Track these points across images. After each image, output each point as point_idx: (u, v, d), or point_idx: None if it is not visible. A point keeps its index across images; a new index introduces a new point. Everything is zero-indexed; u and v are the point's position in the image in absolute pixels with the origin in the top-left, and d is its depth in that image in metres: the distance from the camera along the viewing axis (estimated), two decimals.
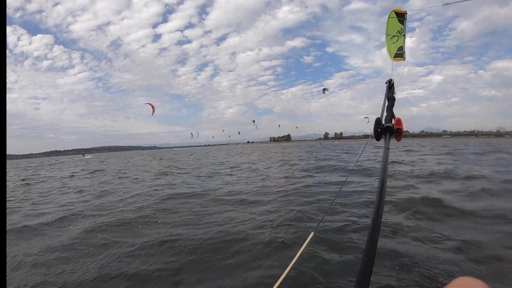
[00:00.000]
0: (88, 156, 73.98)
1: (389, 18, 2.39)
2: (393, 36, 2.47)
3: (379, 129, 1.17)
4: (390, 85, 1.59)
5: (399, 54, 2.56)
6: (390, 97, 1.45)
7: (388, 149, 1.06)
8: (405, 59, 2.60)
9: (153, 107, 31.45)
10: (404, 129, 1.20)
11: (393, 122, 1.22)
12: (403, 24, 2.41)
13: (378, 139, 1.18)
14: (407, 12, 2.34)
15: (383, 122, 1.22)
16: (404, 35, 2.49)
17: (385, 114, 1.31)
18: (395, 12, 2.37)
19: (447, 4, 2.95)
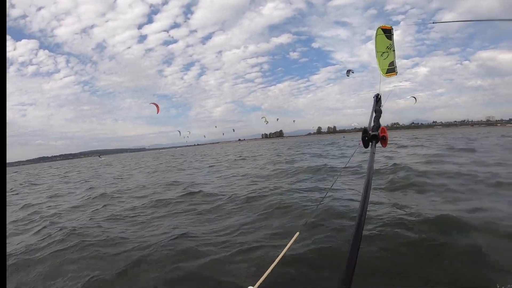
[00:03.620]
0: (103, 158, 78.20)
1: (376, 35, 2.29)
2: (383, 52, 2.38)
3: (366, 138, 1.29)
4: (378, 99, 1.74)
5: (391, 70, 2.49)
6: (377, 110, 1.59)
7: (374, 153, 1.18)
8: (397, 73, 2.52)
9: (157, 106, 34.82)
10: (394, 121, 1.34)
11: (378, 130, 1.33)
12: (391, 39, 2.32)
13: (366, 146, 1.29)
14: (392, 27, 2.23)
15: (370, 131, 1.33)
16: (394, 50, 2.39)
17: (372, 124, 1.46)
18: (382, 29, 2.29)
19: None
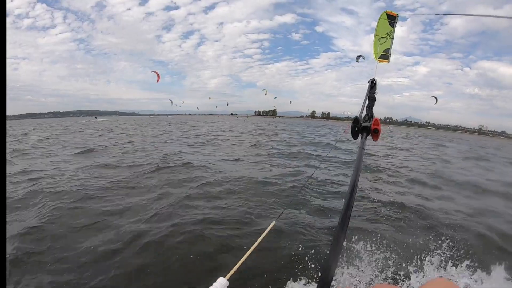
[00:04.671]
0: (101, 119, 74.72)
1: (380, 19, 2.33)
2: (382, 37, 2.44)
3: (356, 128, 1.17)
4: (373, 85, 1.56)
5: (384, 56, 2.54)
6: (371, 97, 1.45)
7: (363, 148, 1.05)
8: (389, 62, 2.59)
9: (158, 75, 35.64)
10: (388, 115, 1.18)
11: (371, 122, 1.20)
12: (393, 27, 2.37)
13: (355, 137, 1.18)
14: (398, 15, 2.28)
15: (362, 121, 1.21)
16: (393, 38, 2.45)
17: (364, 113, 1.31)
18: (387, 14, 2.31)
19: None
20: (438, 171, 9.46)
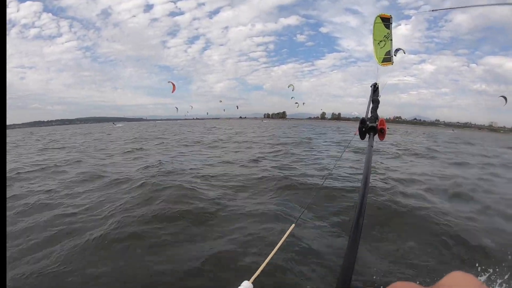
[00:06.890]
0: (119, 124, 73.62)
1: (375, 23, 2.34)
2: (380, 41, 2.44)
3: (363, 129, 1.26)
4: (375, 89, 1.67)
5: (387, 59, 2.53)
6: (374, 100, 1.55)
7: (372, 146, 1.14)
8: (393, 63, 2.57)
9: (174, 85, 37.94)
10: (397, 115, 1.24)
11: (377, 122, 1.29)
12: (389, 29, 2.37)
13: (362, 137, 1.26)
14: (392, 16, 2.28)
15: (368, 122, 1.30)
16: (391, 39, 2.44)
17: (369, 115, 1.41)
18: (381, 17, 2.34)
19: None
20: None
